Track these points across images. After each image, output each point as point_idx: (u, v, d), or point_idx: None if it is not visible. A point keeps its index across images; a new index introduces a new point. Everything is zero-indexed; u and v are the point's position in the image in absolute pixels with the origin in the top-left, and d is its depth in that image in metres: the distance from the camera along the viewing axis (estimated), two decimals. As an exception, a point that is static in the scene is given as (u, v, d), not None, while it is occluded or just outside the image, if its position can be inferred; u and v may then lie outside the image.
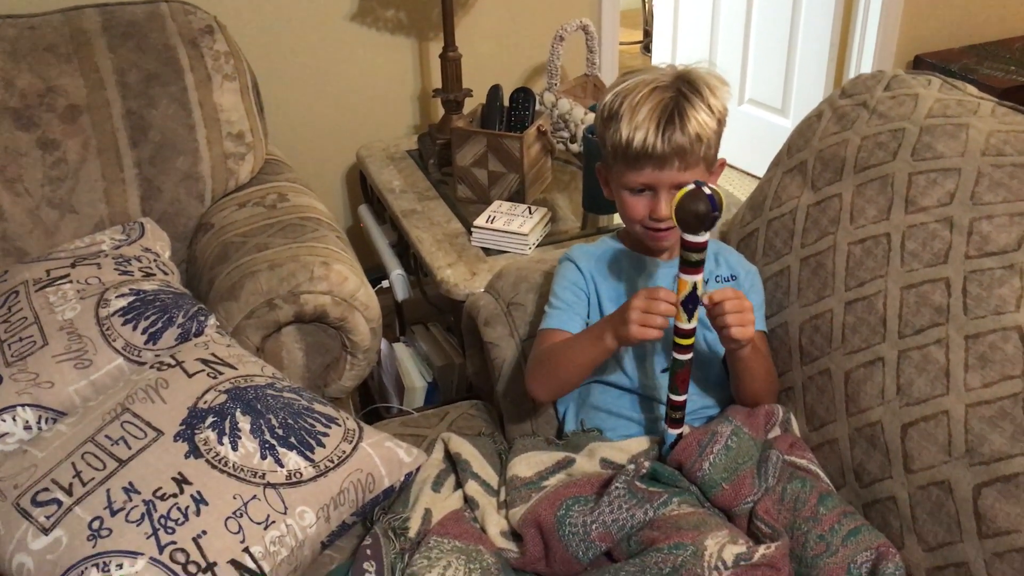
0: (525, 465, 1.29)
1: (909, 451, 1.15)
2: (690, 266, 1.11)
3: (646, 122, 1.20)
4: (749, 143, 3.25)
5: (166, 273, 1.60)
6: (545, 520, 1.16)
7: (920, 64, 3.06)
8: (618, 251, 1.38)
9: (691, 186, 1.08)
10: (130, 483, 1.13)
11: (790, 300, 1.37)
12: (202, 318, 1.47)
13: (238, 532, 1.12)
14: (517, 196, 2.06)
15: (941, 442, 1.12)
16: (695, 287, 1.13)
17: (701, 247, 1.10)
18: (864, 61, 3.04)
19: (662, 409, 1.32)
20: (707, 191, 1.07)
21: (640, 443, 1.30)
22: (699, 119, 1.20)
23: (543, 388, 1.35)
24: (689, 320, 1.15)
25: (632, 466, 1.20)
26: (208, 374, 1.28)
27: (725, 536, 1.08)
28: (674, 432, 1.25)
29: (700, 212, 1.07)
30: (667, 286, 1.33)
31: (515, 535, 1.22)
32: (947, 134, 1.28)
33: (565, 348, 1.30)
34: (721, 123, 1.24)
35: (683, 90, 1.21)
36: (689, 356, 1.19)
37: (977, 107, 1.31)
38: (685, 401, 1.23)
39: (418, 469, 1.32)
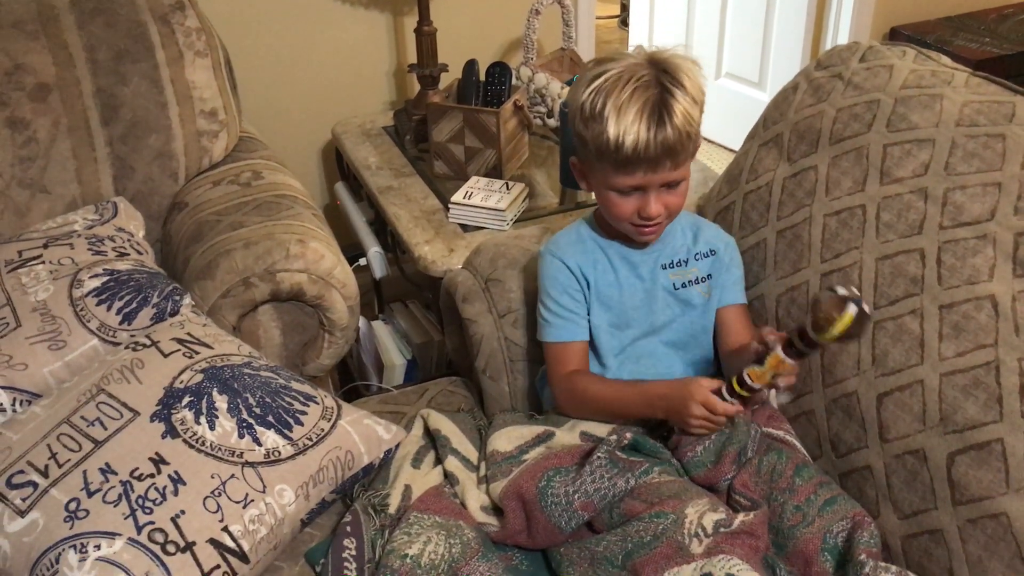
0: (505, 439, 1.29)
1: (884, 421, 1.16)
2: (800, 355, 1.10)
3: (635, 124, 1.14)
4: (726, 117, 3.25)
5: (140, 253, 1.58)
6: (527, 491, 1.17)
7: (896, 36, 3.06)
8: (599, 241, 1.34)
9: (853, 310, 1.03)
10: (107, 464, 1.12)
11: (767, 272, 1.38)
12: (177, 298, 1.46)
13: (216, 511, 1.11)
14: (494, 172, 2.05)
15: (916, 411, 1.13)
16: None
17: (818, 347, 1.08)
18: (840, 34, 3.04)
19: None
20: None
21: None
22: (685, 112, 1.16)
23: (577, 414, 1.33)
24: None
25: (614, 437, 1.20)
26: (184, 354, 1.27)
27: (705, 504, 1.09)
28: None
29: (852, 335, 1.04)
30: (648, 275, 1.31)
31: (495, 510, 1.22)
32: (921, 105, 1.28)
33: (611, 401, 1.28)
34: (702, 109, 1.20)
35: (665, 83, 1.16)
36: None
37: (951, 78, 1.31)
38: None
39: (397, 446, 1.32)
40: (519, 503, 1.18)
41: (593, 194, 1.33)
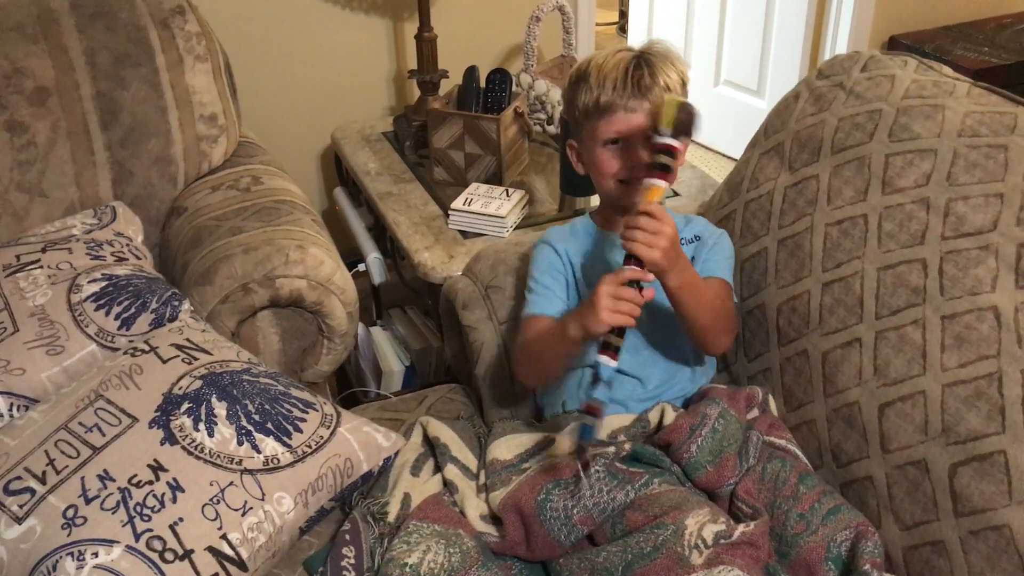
0: (505, 448, 1.29)
1: (886, 431, 1.16)
2: (663, 168, 1.16)
3: (614, 71, 1.25)
4: (725, 124, 3.25)
5: (139, 258, 1.58)
6: (526, 505, 1.16)
7: (895, 45, 3.06)
8: (592, 230, 1.39)
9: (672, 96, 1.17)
10: (105, 471, 1.11)
11: (767, 282, 1.37)
12: (176, 303, 1.45)
13: (215, 519, 1.11)
14: (494, 178, 2.05)
15: (918, 422, 1.13)
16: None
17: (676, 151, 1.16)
18: (839, 42, 3.04)
19: (641, 389, 1.32)
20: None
21: (621, 419, 1.30)
22: (665, 71, 1.25)
23: (529, 378, 1.37)
24: None
25: (612, 448, 1.20)
26: (183, 360, 1.27)
27: (706, 515, 1.08)
28: (610, 362, 1.13)
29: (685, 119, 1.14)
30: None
31: (495, 519, 1.21)
32: (923, 115, 1.28)
33: (539, 340, 1.30)
34: (684, 87, 1.28)
35: (646, 52, 1.27)
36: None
37: (953, 88, 1.31)
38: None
39: (396, 453, 1.31)
40: (518, 516, 1.17)
41: (594, 199, 1.33)
